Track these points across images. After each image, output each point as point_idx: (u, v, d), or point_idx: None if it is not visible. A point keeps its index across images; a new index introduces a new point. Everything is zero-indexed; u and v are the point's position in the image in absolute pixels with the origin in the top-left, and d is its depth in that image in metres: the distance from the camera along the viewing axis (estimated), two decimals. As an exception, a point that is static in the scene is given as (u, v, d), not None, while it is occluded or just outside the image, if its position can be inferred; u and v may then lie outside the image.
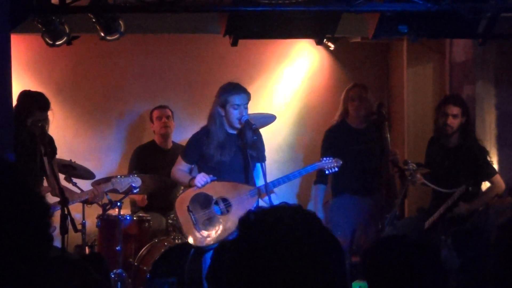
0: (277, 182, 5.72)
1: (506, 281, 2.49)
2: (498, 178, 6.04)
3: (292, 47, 7.74)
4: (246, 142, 5.67)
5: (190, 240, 5.61)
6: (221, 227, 5.65)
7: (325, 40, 6.59)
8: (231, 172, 5.79)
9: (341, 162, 5.84)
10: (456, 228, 5.82)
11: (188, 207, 5.63)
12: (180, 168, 5.89)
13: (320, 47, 7.33)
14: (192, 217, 5.61)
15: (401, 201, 5.97)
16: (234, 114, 5.67)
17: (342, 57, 7.88)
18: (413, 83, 7.57)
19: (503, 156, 6.60)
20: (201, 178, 5.66)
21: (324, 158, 5.89)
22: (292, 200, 7.43)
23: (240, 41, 5.64)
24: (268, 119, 6.89)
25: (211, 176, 5.68)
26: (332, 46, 7.32)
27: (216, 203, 5.71)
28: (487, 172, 6.03)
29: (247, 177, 5.81)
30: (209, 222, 5.66)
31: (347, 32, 6.74)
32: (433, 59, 7.41)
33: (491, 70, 6.68)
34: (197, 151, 5.82)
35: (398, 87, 7.81)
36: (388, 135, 6.40)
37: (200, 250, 5.68)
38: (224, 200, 5.71)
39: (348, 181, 6.33)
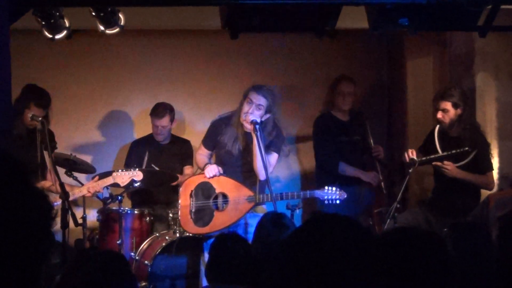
0: (275, 197, 5.52)
1: (510, 273, 2.48)
2: (491, 175, 6.04)
3: (293, 40, 7.72)
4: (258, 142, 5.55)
5: (181, 222, 5.76)
6: (211, 221, 5.73)
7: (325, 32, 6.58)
8: (233, 167, 5.83)
9: (345, 196, 5.78)
10: (456, 221, 5.81)
11: (192, 191, 5.75)
12: (201, 154, 6.02)
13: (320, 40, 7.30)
14: (191, 203, 5.69)
15: (401, 194, 5.96)
16: (244, 108, 5.70)
17: (343, 50, 7.86)
18: (413, 75, 7.56)
19: (504, 148, 6.59)
20: (212, 170, 5.73)
21: (328, 188, 5.75)
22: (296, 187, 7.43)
23: (241, 35, 5.62)
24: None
25: (221, 170, 5.72)
26: (332, 39, 7.30)
27: (216, 197, 5.76)
28: (484, 166, 6.00)
29: (244, 178, 5.83)
30: (203, 213, 5.74)
31: (348, 25, 6.72)
32: (434, 52, 7.39)
33: (491, 62, 6.67)
34: (213, 139, 5.90)
35: (399, 80, 7.79)
36: (370, 134, 6.55)
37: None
38: (224, 196, 5.75)
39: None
